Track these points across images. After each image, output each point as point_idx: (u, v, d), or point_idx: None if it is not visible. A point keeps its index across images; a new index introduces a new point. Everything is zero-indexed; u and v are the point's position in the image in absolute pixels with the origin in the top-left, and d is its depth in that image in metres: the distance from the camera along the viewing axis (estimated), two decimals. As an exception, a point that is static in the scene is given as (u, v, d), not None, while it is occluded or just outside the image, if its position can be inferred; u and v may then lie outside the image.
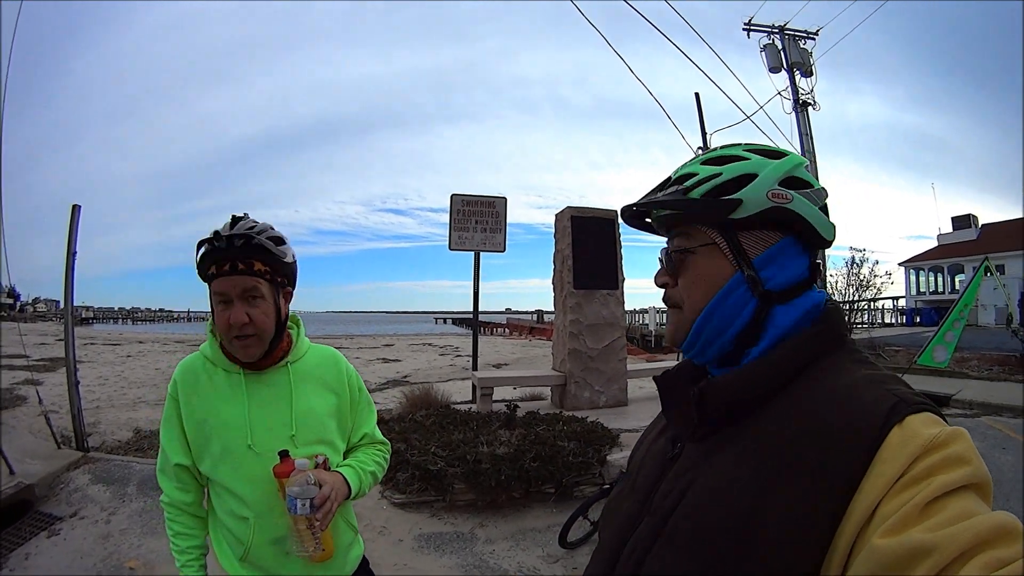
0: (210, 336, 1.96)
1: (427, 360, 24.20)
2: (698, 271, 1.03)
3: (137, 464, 6.96)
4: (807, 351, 0.94)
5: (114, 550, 4.96)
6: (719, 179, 1.01)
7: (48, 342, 25.26)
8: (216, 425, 1.88)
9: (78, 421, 7.55)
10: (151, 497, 5.96)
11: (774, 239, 1.01)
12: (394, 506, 5.60)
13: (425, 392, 9.12)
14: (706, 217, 1.02)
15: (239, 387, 1.91)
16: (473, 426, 6.98)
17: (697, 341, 1.04)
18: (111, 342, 32.52)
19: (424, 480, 5.66)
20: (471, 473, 5.54)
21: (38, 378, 11.83)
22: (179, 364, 2.00)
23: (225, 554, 1.96)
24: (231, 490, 1.88)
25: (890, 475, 0.74)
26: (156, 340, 36.35)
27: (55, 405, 8.97)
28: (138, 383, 14.91)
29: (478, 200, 10.67)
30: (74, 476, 6.52)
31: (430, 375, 17.12)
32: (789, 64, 22.78)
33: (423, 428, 7.00)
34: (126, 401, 11.78)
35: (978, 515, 0.68)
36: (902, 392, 0.84)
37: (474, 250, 10.60)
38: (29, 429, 8.12)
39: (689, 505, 0.92)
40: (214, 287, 1.80)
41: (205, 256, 1.80)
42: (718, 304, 1.01)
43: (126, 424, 9.43)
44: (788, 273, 1.00)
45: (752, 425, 0.91)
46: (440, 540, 5.01)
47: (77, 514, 5.66)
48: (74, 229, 7.65)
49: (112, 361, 21.23)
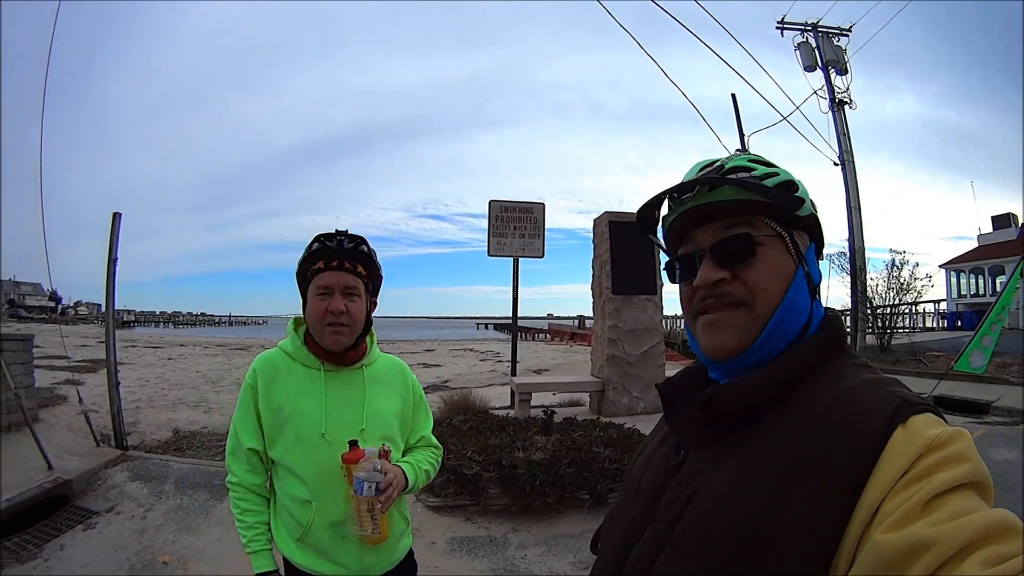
0: (292, 334, 2.18)
1: (468, 365, 24.16)
2: (770, 263, 0.98)
3: (175, 463, 7.05)
4: (813, 356, 0.95)
5: (148, 544, 5.02)
6: (780, 177, 1.01)
7: (89, 344, 25.74)
8: (292, 414, 2.05)
9: (118, 420, 7.67)
10: (188, 495, 6.05)
11: (808, 243, 1.04)
12: (428, 509, 5.58)
13: (463, 397, 9.14)
14: (779, 209, 0.99)
15: (317, 382, 2.10)
16: (510, 431, 6.95)
17: (768, 342, 0.98)
18: (152, 345, 33.02)
19: (459, 484, 5.65)
20: (506, 478, 5.50)
21: (79, 379, 12.06)
22: (258, 357, 2.19)
23: (282, 536, 2.10)
24: (298, 475, 2.03)
25: (893, 474, 0.75)
26: (197, 343, 36.69)
27: (95, 405, 9.10)
28: (178, 385, 15.10)
29: (516, 206, 10.66)
30: (112, 473, 6.63)
31: (470, 380, 17.10)
32: (824, 62, 22.60)
33: (460, 433, 7.00)
34: (166, 402, 11.94)
35: (978, 512, 0.69)
36: (904, 394, 0.85)
37: (513, 256, 10.57)
38: (68, 427, 8.27)
39: (696, 511, 0.91)
40: (319, 280, 2.02)
41: (315, 253, 2.04)
42: (792, 299, 0.99)
43: (165, 424, 9.57)
44: (818, 275, 1.04)
45: (758, 430, 0.91)
46: (473, 544, 4.98)
47: (113, 509, 5.76)
48: (115, 236, 7.84)
49: (153, 363, 21.55)
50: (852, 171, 22.52)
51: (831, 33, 23.00)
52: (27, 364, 7.97)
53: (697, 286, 1.01)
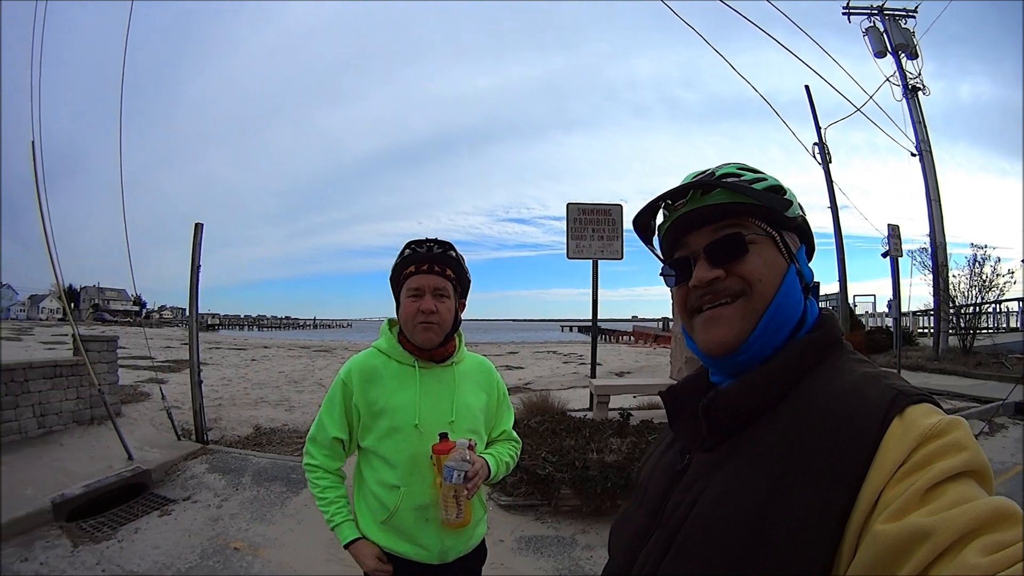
0: (387, 333, 2.33)
1: (550, 367, 24.00)
2: (764, 258, 1.01)
3: (254, 457, 7.25)
4: (809, 356, 0.96)
5: (222, 531, 5.16)
6: (769, 182, 1.05)
7: (174, 346, 26.72)
8: (387, 407, 2.18)
9: (199, 416, 7.97)
10: (264, 487, 6.20)
11: (798, 244, 1.07)
12: (500, 507, 5.57)
13: (542, 399, 9.10)
14: (767, 211, 1.02)
15: (412, 377, 2.24)
16: (585, 433, 6.91)
17: (764, 335, 0.99)
18: (236, 347, 33.80)
19: (531, 484, 5.64)
20: (578, 479, 5.48)
21: (162, 377, 12.60)
22: (355, 358, 2.32)
23: (366, 519, 2.21)
24: (389, 462, 2.16)
25: (892, 464, 0.75)
26: (281, 345, 37.40)
27: (178, 402, 9.42)
28: (261, 384, 15.43)
29: (594, 208, 10.53)
30: (191, 465, 6.86)
31: (552, 382, 17.12)
32: (893, 46, 21.81)
33: (536, 433, 6.98)
34: (248, 400, 12.21)
35: (977, 500, 0.69)
36: (901, 386, 0.85)
37: (591, 258, 10.43)
38: (151, 422, 8.59)
39: (700, 514, 0.92)
40: (411, 283, 2.19)
41: (407, 258, 2.20)
42: (786, 294, 1.00)
43: (247, 421, 9.79)
44: (808, 275, 1.06)
45: (759, 431, 0.92)
46: (540, 543, 4.95)
47: (190, 498, 5.95)
48: (197, 244, 8.25)
49: (236, 364, 22.08)
50: (930, 162, 21.75)
51: (897, 15, 22.23)
52: (111, 363, 8.33)
53: (693, 286, 1.04)
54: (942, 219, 21.54)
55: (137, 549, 4.78)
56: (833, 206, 19.16)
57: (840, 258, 20.08)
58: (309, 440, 2.31)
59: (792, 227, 1.04)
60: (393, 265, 2.26)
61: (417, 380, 2.22)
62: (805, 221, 1.07)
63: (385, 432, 2.17)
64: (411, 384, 2.21)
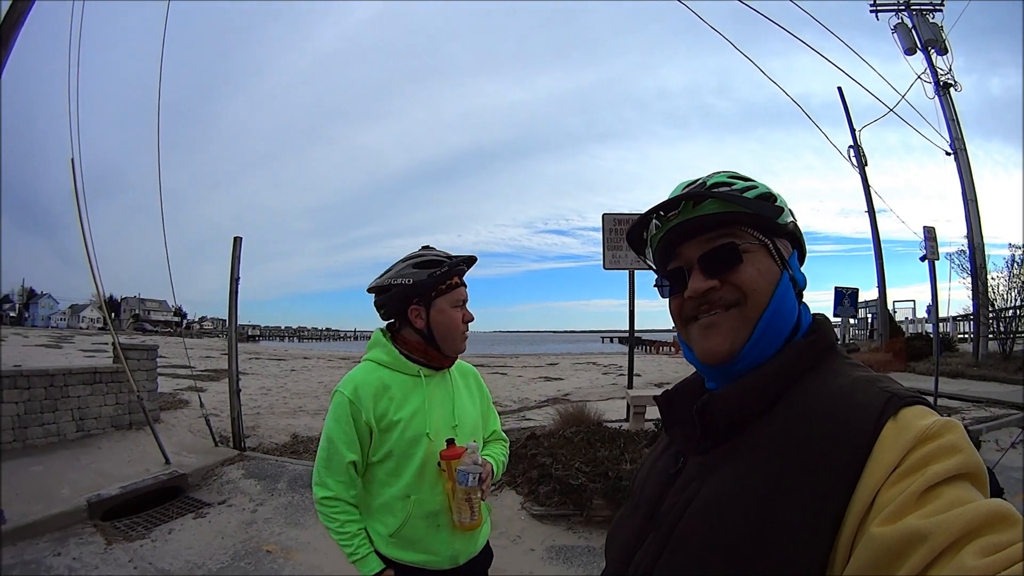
0: (387, 345, 2.29)
1: (589, 379, 23.70)
2: (758, 267, 1.01)
3: (291, 464, 7.33)
4: (804, 360, 0.96)
5: (255, 535, 5.23)
6: (759, 190, 1.05)
7: (214, 356, 27.04)
8: (399, 419, 2.17)
9: (237, 424, 8.06)
10: (299, 493, 6.25)
11: (790, 250, 1.07)
12: (532, 517, 5.56)
13: (578, 410, 9.03)
14: (759, 218, 1.03)
15: (418, 386, 2.24)
16: (620, 443, 6.85)
17: (760, 343, 1.00)
18: (276, 357, 34.11)
19: (564, 494, 5.62)
20: (611, 490, 5.47)
21: (201, 386, 12.71)
22: (356, 374, 2.25)
23: (377, 533, 2.19)
24: (400, 472, 2.16)
25: (886, 466, 0.75)
26: (321, 357, 37.67)
27: (216, 410, 9.57)
28: (300, 394, 15.61)
29: (629, 218, 10.35)
30: (228, 470, 6.96)
31: (590, 393, 17.00)
32: (923, 42, 21.52)
33: (571, 444, 6.94)
34: (286, 409, 12.36)
35: (973, 502, 0.69)
36: (895, 388, 0.85)
37: (628, 268, 10.35)
38: (189, 428, 8.74)
39: (694, 515, 0.92)
40: (457, 294, 2.24)
41: (448, 270, 2.21)
42: (780, 301, 1.01)
43: (284, 430, 9.89)
44: (802, 280, 1.07)
45: (753, 434, 0.92)
46: (570, 553, 4.93)
47: (226, 502, 6.05)
48: (236, 257, 8.41)
49: (276, 374, 22.33)
50: (965, 160, 21.43)
51: (924, 9, 21.98)
52: (150, 371, 8.58)
53: (688, 297, 1.04)
54: (979, 219, 21.20)
55: (170, 549, 4.87)
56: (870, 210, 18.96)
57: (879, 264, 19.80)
58: (321, 470, 2.19)
59: (784, 234, 1.06)
60: (432, 274, 2.20)
61: (424, 389, 2.24)
62: (796, 227, 1.08)
63: (397, 444, 2.15)
64: (418, 394, 2.22)
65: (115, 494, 5.67)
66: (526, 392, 18.40)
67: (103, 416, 7.62)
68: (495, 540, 2.42)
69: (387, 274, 2.26)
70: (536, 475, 6.02)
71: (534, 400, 15.98)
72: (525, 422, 10.85)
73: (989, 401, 12.20)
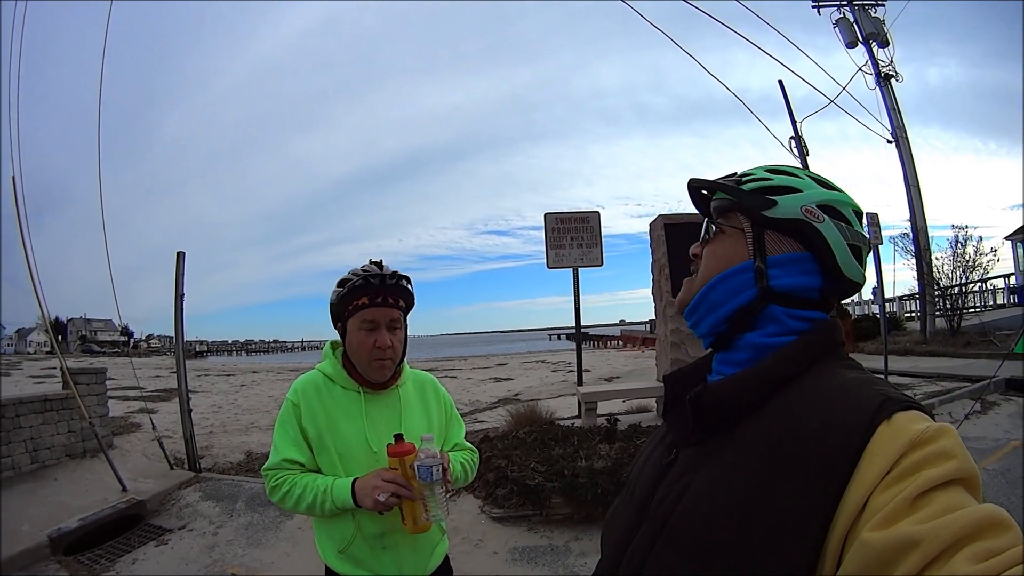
0: (332, 357, 2.23)
1: (539, 377, 24.07)
2: (719, 247, 1.10)
3: (247, 483, 7.30)
4: (799, 358, 0.97)
5: (219, 558, 5.21)
6: (768, 182, 1.08)
7: (163, 375, 26.39)
8: (334, 435, 2.11)
9: (190, 445, 8.00)
10: (259, 512, 6.25)
11: (793, 248, 1.05)
12: (492, 520, 5.61)
13: (530, 409, 9.11)
14: (744, 207, 1.08)
15: (357, 404, 2.16)
16: (574, 441, 6.95)
17: (698, 308, 1.10)
18: (225, 373, 33.59)
19: (522, 495, 5.68)
20: (568, 487, 5.53)
21: (152, 407, 12.62)
22: (301, 379, 2.22)
23: (325, 546, 2.15)
24: None
25: (879, 470, 0.75)
26: (270, 370, 37.14)
27: (169, 431, 9.44)
28: (251, 410, 15.46)
29: (572, 216, 10.61)
30: (185, 493, 6.91)
31: (541, 392, 17.14)
32: (864, 36, 22.14)
33: (525, 444, 7.02)
34: (239, 426, 12.27)
35: (966, 507, 0.69)
36: (890, 392, 0.86)
37: (572, 266, 10.51)
38: (143, 453, 8.65)
39: (685, 508, 0.93)
40: (364, 315, 2.09)
41: (358, 289, 2.08)
42: (722, 279, 1.06)
43: (238, 447, 9.85)
44: (795, 281, 1.04)
45: (746, 429, 0.93)
46: (534, 553, 4.99)
47: (186, 526, 6.01)
48: (180, 273, 8.29)
49: (226, 390, 22.02)
50: (907, 147, 22.11)
51: (867, 4, 22.56)
52: (101, 395, 8.41)
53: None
54: (922, 203, 21.88)
55: (135, 580, 4.78)
56: (813, 200, 19.29)
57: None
58: (265, 471, 2.15)
59: (787, 229, 1.04)
60: (340, 294, 2.11)
61: (362, 407, 2.15)
62: (809, 226, 1.02)
63: (337, 460, 2.09)
64: (357, 412, 2.14)
65: (75, 527, 5.60)
66: (476, 394, 18.52)
67: (56, 445, 7.47)
68: (457, 546, 2.42)
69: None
70: (492, 478, 6.08)
71: (485, 402, 16.12)
72: (477, 424, 10.91)
73: (940, 376, 12.56)
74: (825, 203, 1.04)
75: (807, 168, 1.25)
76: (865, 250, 1.07)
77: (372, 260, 2.17)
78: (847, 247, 1.02)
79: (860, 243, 1.04)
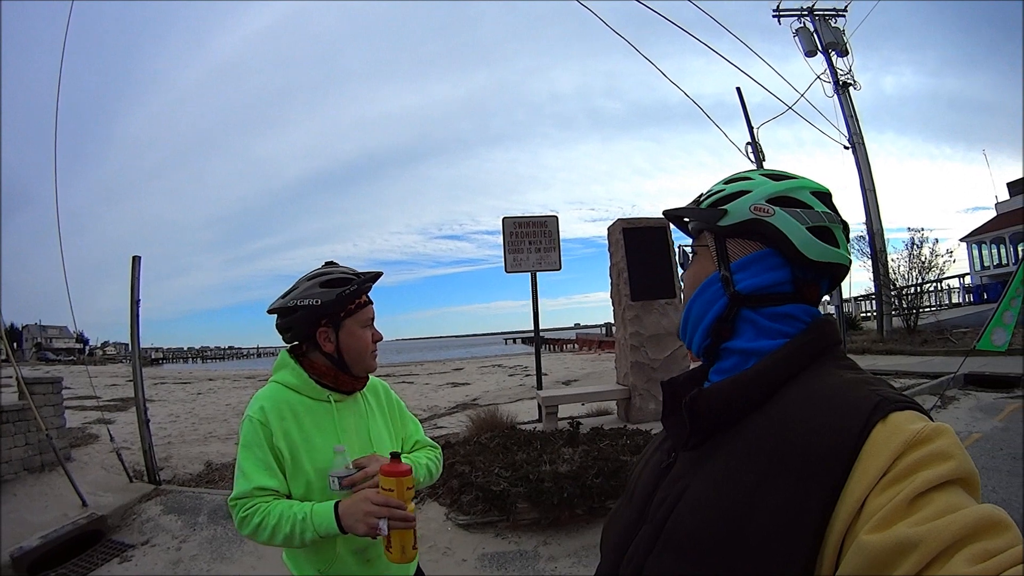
0: (294, 367, 2.13)
1: (496, 381, 24.17)
2: (694, 269, 1.16)
3: (208, 495, 7.18)
4: (795, 361, 0.97)
5: (183, 574, 5.16)
6: (721, 193, 1.12)
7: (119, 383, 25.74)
8: (309, 447, 2.01)
9: (149, 456, 7.86)
10: (221, 525, 6.16)
11: (755, 248, 1.07)
12: (458, 527, 5.60)
13: (491, 414, 9.13)
14: (703, 224, 1.14)
15: (329, 415, 2.10)
16: (537, 445, 6.97)
17: (685, 328, 1.16)
18: (181, 381, 32.91)
19: (487, 501, 5.67)
20: (533, 492, 5.51)
21: (110, 417, 12.37)
22: (263, 395, 2.09)
23: (302, 567, 2.06)
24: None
25: (875, 471, 0.75)
26: (226, 377, 36.42)
27: (127, 442, 9.30)
28: (209, 419, 15.25)
29: (529, 221, 10.69)
30: (146, 507, 6.79)
31: (499, 396, 17.11)
32: (824, 45, 22.76)
33: (487, 450, 7.01)
34: (197, 436, 12.10)
35: (964, 508, 0.68)
36: (886, 392, 0.86)
37: (530, 271, 10.59)
38: (102, 465, 8.44)
39: (683, 510, 0.94)
40: (367, 313, 2.15)
41: (357, 289, 2.10)
42: (696, 297, 1.12)
43: (197, 458, 9.69)
44: (759, 280, 1.05)
45: (743, 431, 0.94)
46: (503, 559, 4.98)
47: (149, 542, 5.92)
48: (136, 278, 8.09)
49: (183, 399, 21.65)
50: (863, 153, 22.69)
51: (828, 15, 23.16)
52: (57, 406, 8.17)
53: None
54: (878, 207, 22.41)
55: (101, 600, 4.68)
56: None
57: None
58: (232, 502, 1.97)
59: (741, 233, 1.07)
60: (338, 294, 2.04)
61: (334, 416, 2.09)
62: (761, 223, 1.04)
63: (313, 476, 1.98)
64: (328, 421, 2.08)
65: (37, 544, 5.50)
66: (435, 399, 18.47)
67: (14, 459, 7.25)
68: (425, 554, 2.42)
69: (291, 294, 2.09)
70: (456, 484, 6.06)
71: (444, 407, 16.08)
72: (437, 430, 10.89)
73: (898, 373, 12.82)
74: (777, 195, 1.06)
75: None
76: (837, 228, 1.05)
77: (327, 262, 2.25)
78: (806, 231, 1.02)
79: (825, 222, 1.04)
